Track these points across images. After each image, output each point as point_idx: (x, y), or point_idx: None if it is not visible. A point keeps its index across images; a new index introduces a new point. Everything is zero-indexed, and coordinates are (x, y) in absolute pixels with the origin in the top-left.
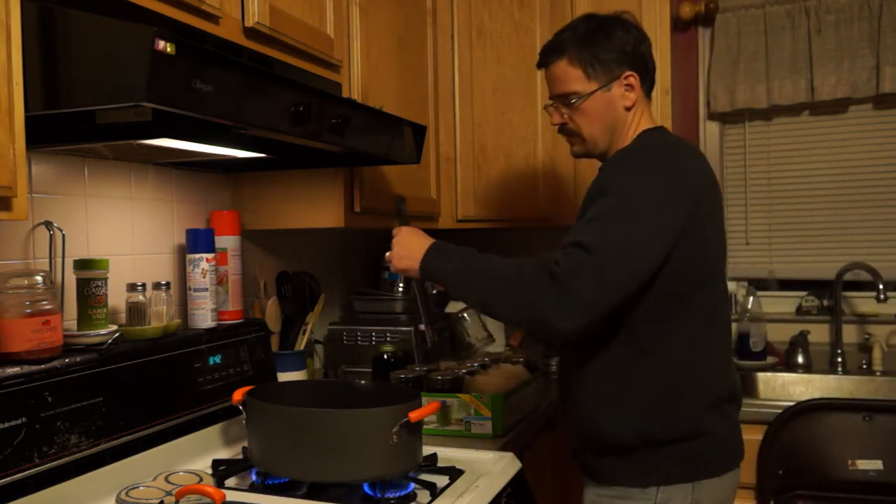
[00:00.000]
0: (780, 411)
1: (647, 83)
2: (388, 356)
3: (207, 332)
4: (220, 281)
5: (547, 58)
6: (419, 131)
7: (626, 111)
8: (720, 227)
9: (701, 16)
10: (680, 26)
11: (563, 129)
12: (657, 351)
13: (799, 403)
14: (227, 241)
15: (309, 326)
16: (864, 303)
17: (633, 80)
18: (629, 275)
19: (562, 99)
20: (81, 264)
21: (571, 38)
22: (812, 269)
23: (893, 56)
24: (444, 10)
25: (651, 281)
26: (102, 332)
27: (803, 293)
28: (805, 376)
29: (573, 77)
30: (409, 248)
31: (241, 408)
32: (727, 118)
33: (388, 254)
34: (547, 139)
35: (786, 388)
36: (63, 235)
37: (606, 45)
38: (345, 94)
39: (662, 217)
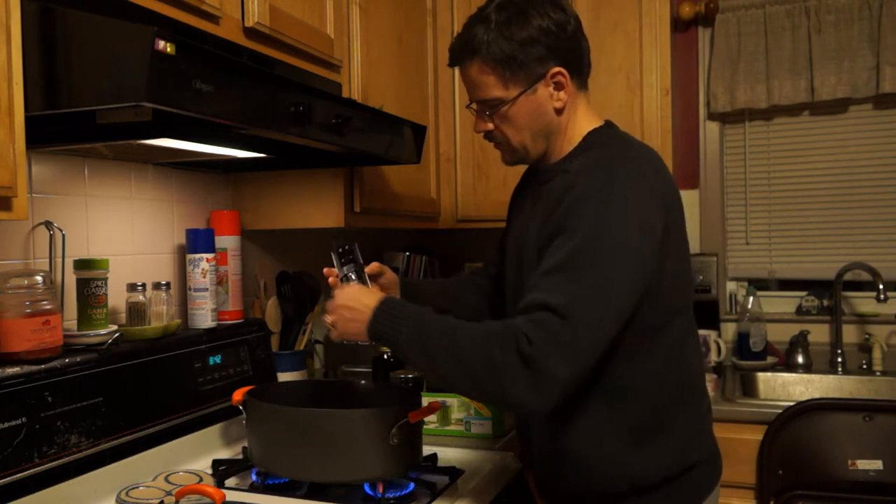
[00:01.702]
0: (780, 411)
1: (581, 73)
2: (388, 356)
3: (207, 332)
4: (220, 281)
5: (457, 57)
6: (419, 131)
7: (557, 114)
8: (685, 238)
9: (701, 16)
10: (680, 26)
11: (489, 137)
12: (633, 387)
13: (799, 403)
14: (227, 241)
15: (309, 326)
16: (864, 303)
17: (562, 77)
18: (605, 334)
19: (482, 105)
20: (81, 264)
21: (483, 35)
22: (812, 269)
23: (893, 56)
24: (444, 10)
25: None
26: (102, 332)
27: (803, 293)
28: (805, 376)
29: (489, 83)
30: (354, 308)
31: (241, 408)
32: (727, 118)
33: (327, 318)
34: None
35: (786, 388)
36: (63, 235)
37: (524, 38)
38: (345, 94)
39: (637, 257)
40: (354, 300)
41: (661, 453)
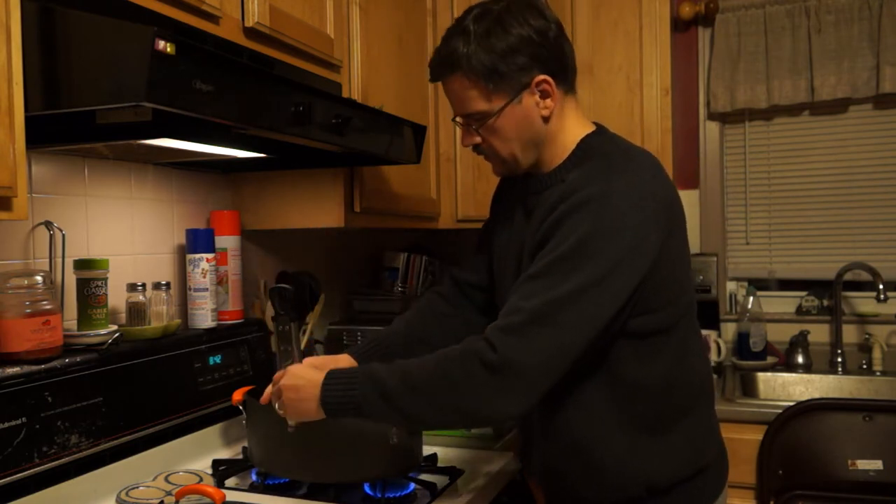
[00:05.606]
0: (780, 411)
1: (567, 79)
2: None
3: (207, 332)
4: (220, 281)
5: (439, 72)
6: (419, 131)
7: (545, 122)
8: (686, 240)
9: (701, 16)
10: (680, 26)
11: (478, 150)
12: (645, 389)
13: (799, 403)
14: (227, 241)
15: (309, 326)
16: (864, 303)
17: (547, 84)
18: (580, 339)
19: (467, 118)
20: (81, 264)
21: (464, 48)
22: (812, 269)
23: (893, 56)
24: (444, 10)
25: (626, 324)
26: (102, 332)
27: (803, 293)
28: (805, 376)
29: (472, 97)
30: (298, 388)
31: (240, 408)
32: (727, 118)
33: (278, 407)
34: None
35: (786, 388)
36: (63, 235)
37: (504, 48)
38: (345, 94)
39: (626, 269)
40: (299, 378)
41: (675, 454)
